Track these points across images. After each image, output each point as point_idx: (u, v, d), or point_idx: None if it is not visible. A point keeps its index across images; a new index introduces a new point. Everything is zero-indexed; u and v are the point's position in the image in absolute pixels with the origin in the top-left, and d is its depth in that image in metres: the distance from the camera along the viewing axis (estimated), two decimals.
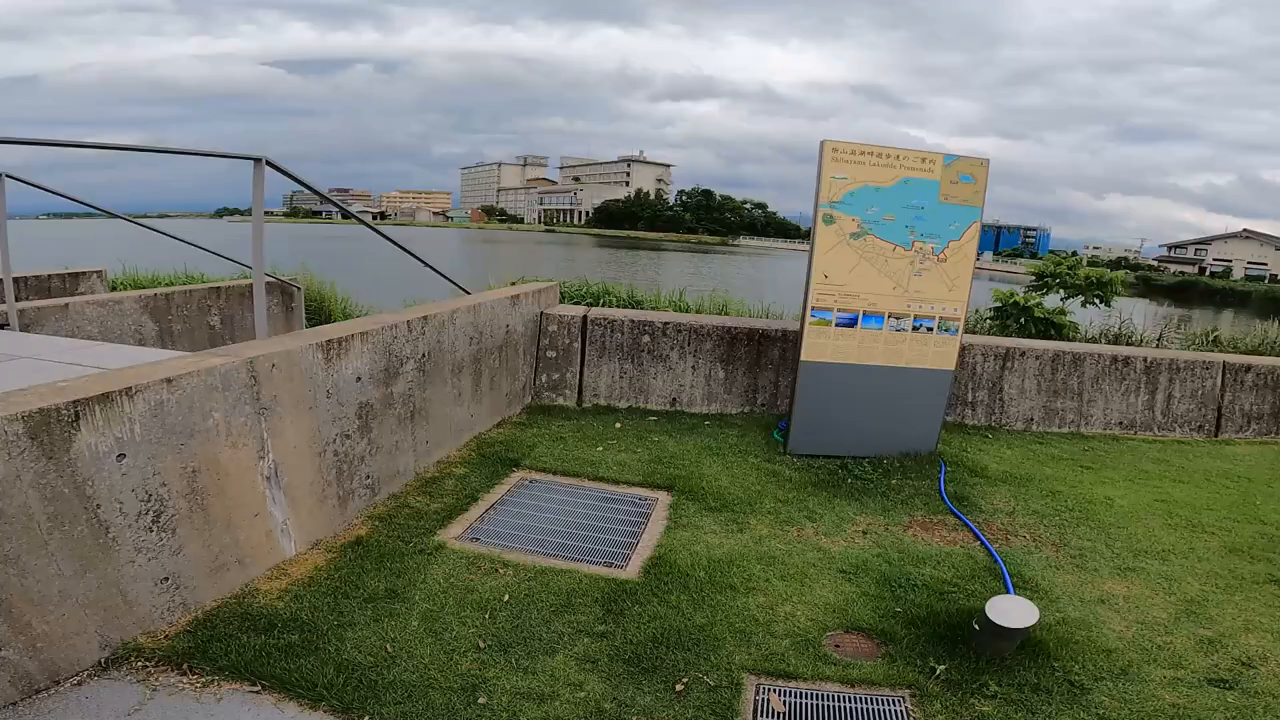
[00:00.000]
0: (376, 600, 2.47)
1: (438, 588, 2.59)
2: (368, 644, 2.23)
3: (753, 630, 2.48)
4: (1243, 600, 2.82)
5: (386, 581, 2.60)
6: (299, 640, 2.20)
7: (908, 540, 3.24)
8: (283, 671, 2.05)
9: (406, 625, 2.35)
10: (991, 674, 2.24)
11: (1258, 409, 5.54)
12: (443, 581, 2.63)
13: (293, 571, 2.59)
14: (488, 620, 2.42)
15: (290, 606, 2.37)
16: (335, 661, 2.12)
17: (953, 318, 4.17)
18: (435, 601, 2.50)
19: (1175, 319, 10.98)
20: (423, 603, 2.49)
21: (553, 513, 3.35)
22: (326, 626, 2.29)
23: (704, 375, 5.16)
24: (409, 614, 2.41)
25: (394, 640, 2.26)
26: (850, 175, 3.95)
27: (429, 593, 2.55)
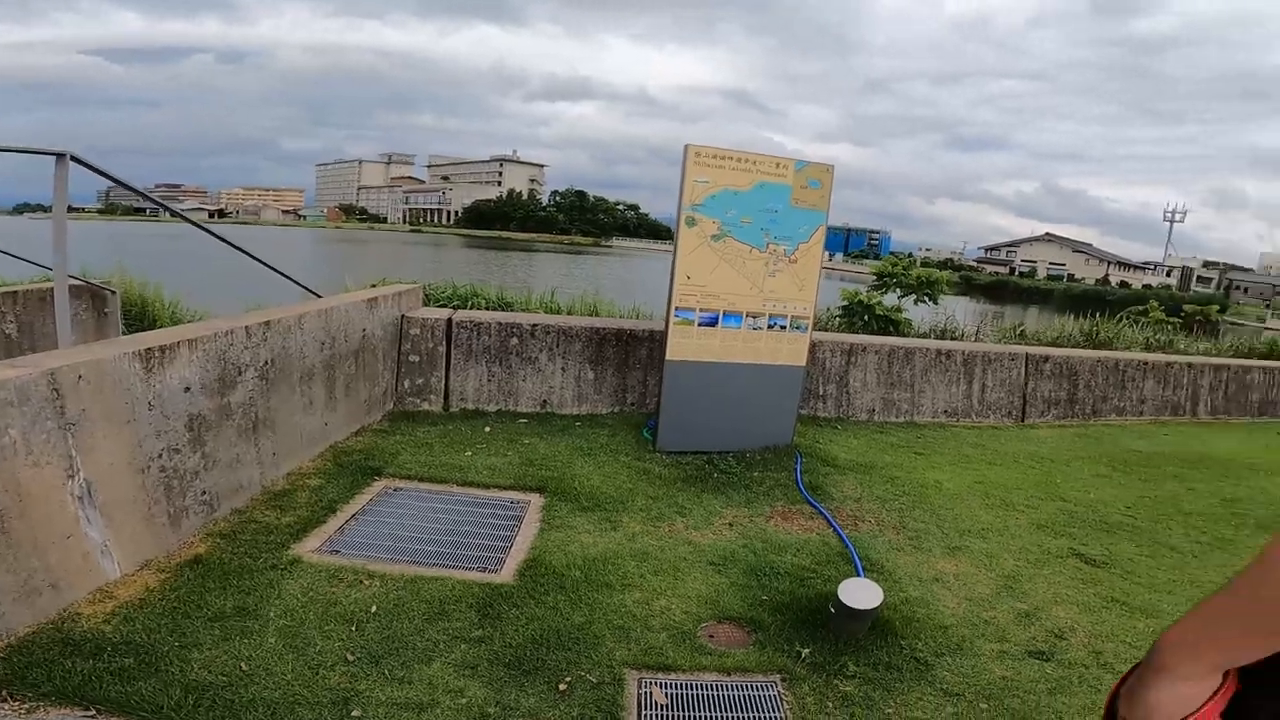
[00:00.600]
0: (224, 619, 2.30)
1: (295, 603, 2.44)
2: (219, 663, 2.09)
3: (631, 626, 2.52)
4: (1050, 574, 3.19)
5: (234, 599, 2.42)
6: (134, 663, 2.02)
7: (770, 530, 3.42)
8: (120, 695, 1.88)
9: (262, 642, 2.20)
10: (850, 655, 2.42)
11: (1055, 395, 6.38)
12: (300, 596, 2.49)
13: (120, 594, 2.35)
14: (355, 633, 2.31)
15: (120, 629, 2.17)
16: (182, 683, 1.97)
17: (803, 316, 4.46)
18: (294, 617, 2.36)
19: (990, 315, 12.37)
20: (279, 619, 2.34)
21: (420, 520, 3.23)
22: (166, 648, 2.11)
23: (574, 376, 5.16)
24: (264, 631, 2.26)
25: (249, 658, 2.12)
26: (711, 179, 4.11)
27: (286, 608, 2.40)
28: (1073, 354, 6.58)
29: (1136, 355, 7.14)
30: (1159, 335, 10.72)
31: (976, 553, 3.35)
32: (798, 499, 3.84)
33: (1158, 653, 0.73)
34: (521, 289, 7.70)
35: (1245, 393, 7.48)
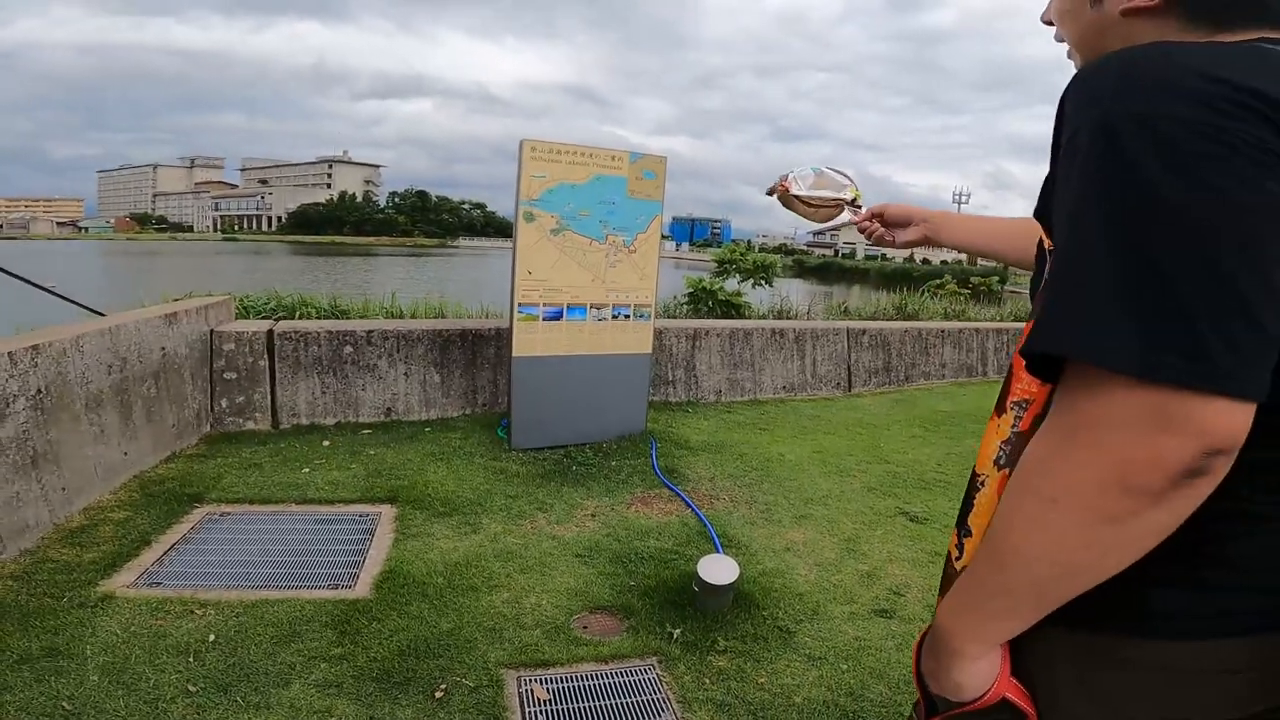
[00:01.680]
0: (33, 660, 2.09)
1: (115, 639, 2.24)
2: (36, 705, 1.90)
3: (503, 626, 2.48)
4: (883, 534, 3.48)
5: (41, 641, 2.19)
6: None
7: (631, 517, 3.48)
8: None
9: (84, 681, 2.02)
10: (719, 631, 2.52)
11: (874, 365, 7.05)
12: (120, 632, 2.28)
13: None
14: (194, 663, 2.15)
15: None
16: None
17: (645, 304, 4.56)
18: (116, 653, 2.16)
19: (820, 294, 13.41)
20: (99, 656, 2.14)
21: (255, 544, 3.00)
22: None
23: (419, 381, 4.93)
24: (83, 670, 2.07)
25: (72, 697, 1.95)
26: (548, 173, 4.08)
27: (105, 645, 2.20)
28: (886, 326, 7.29)
29: (936, 324, 8.06)
30: (954, 305, 12.17)
31: (820, 519, 3.59)
32: (656, 484, 3.93)
33: (944, 640, 0.74)
34: (358, 295, 7.19)
35: None
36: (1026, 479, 0.65)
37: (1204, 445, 0.54)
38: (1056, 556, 0.63)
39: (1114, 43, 0.74)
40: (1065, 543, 0.61)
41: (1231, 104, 0.56)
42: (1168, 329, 0.54)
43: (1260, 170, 0.54)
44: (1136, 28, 0.73)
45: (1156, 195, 0.55)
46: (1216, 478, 0.57)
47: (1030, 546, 0.64)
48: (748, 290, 10.31)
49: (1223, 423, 0.54)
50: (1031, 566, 0.64)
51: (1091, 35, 0.78)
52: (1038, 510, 0.62)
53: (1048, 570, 0.64)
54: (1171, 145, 0.56)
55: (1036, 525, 0.63)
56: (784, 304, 10.07)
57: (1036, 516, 0.63)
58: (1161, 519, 0.58)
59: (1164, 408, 0.54)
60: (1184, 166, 0.55)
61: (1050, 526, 0.61)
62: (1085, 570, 0.63)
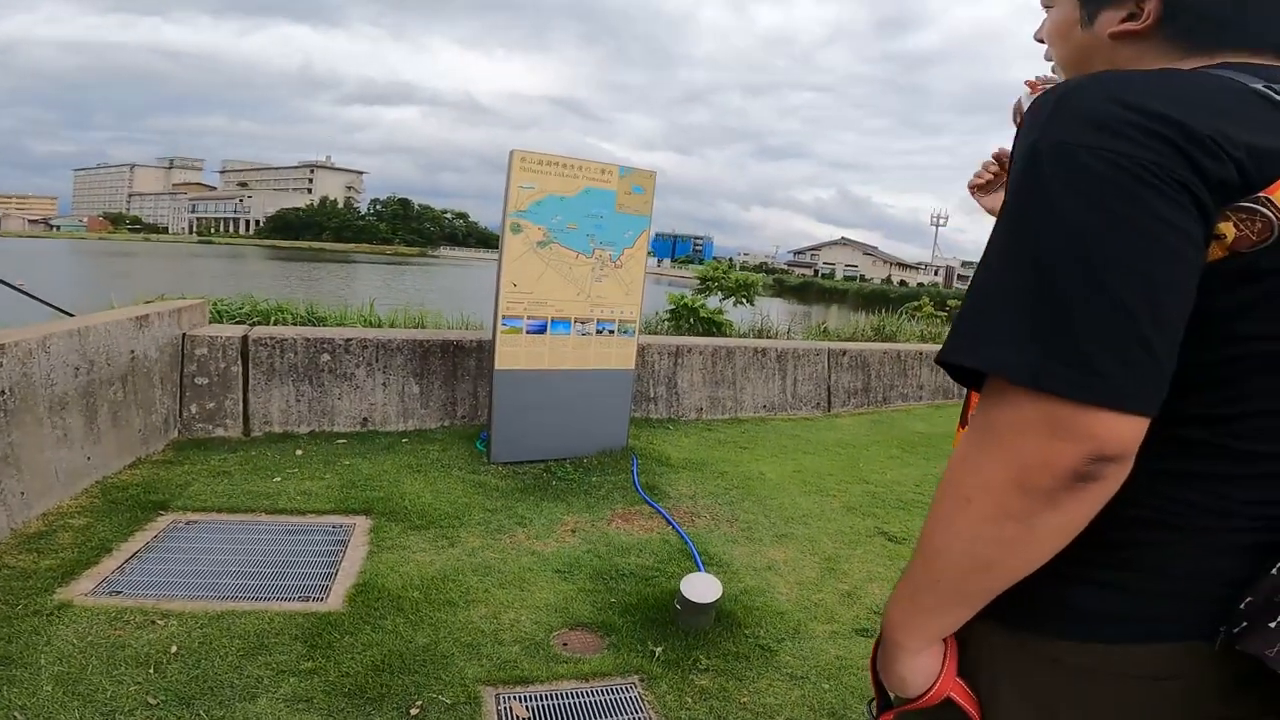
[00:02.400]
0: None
1: (71, 649, 2.16)
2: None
3: (481, 642, 2.43)
4: (863, 554, 3.48)
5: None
6: None
7: (612, 533, 3.44)
8: None
9: (37, 691, 1.96)
10: (700, 649, 2.49)
11: (853, 386, 7.10)
12: (77, 641, 2.20)
13: None
14: (155, 675, 2.08)
15: None
16: None
17: (630, 320, 4.55)
18: (72, 663, 2.09)
19: (799, 314, 13.52)
20: (54, 665, 2.07)
21: (223, 554, 2.92)
22: None
23: (397, 392, 4.86)
24: (37, 679, 2.00)
25: (25, 707, 1.89)
26: (537, 185, 4.06)
27: (60, 654, 2.13)
28: (865, 347, 7.36)
29: (914, 346, 8.15)
30: (931, 327, 12.33)
31: (801, 538, 3.59)
32: (637, 500, 3.89)
33: (888, 632, 0.77)
34: (337, 303, 7.10)
35: None
36: (948, 478, 0.68)
37: (1088, 451, 0.58)
38: (970, 551, 0.66)
39: (1098, 65, 0.77)
40: (978, 538, 0.64)
41: (1143, 132, 0.58)
42: (1059, 344, 0.58)
43: (1159, 199, 0.57)
44: (1121, 52, 0.75)
45: (1056, 217, 0.60)
46: (1110, 483, 0.60)
47: (949, 542, 0.67)
48: (729, 308, 10.37)
49: (1108, 432, 0.57)
50: (952, 561, 0.67)
51: (1078, 56, 0.80)
52: (954, 507, 0.66)
53: (966, 564, 0.67)
54: (1079, 171, 0.59)
55: (953, 521, 0.66)
56: (764, 323, 10.14)
57: (953, 513, 0.66)
58: (1058, 519, 0.61)
59: (1055, 416, 0.58)
60: (1085, 191, 0.59)
61: (964, 523, 0.65)
62: (996, 566, 0.65)
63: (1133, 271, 0.57)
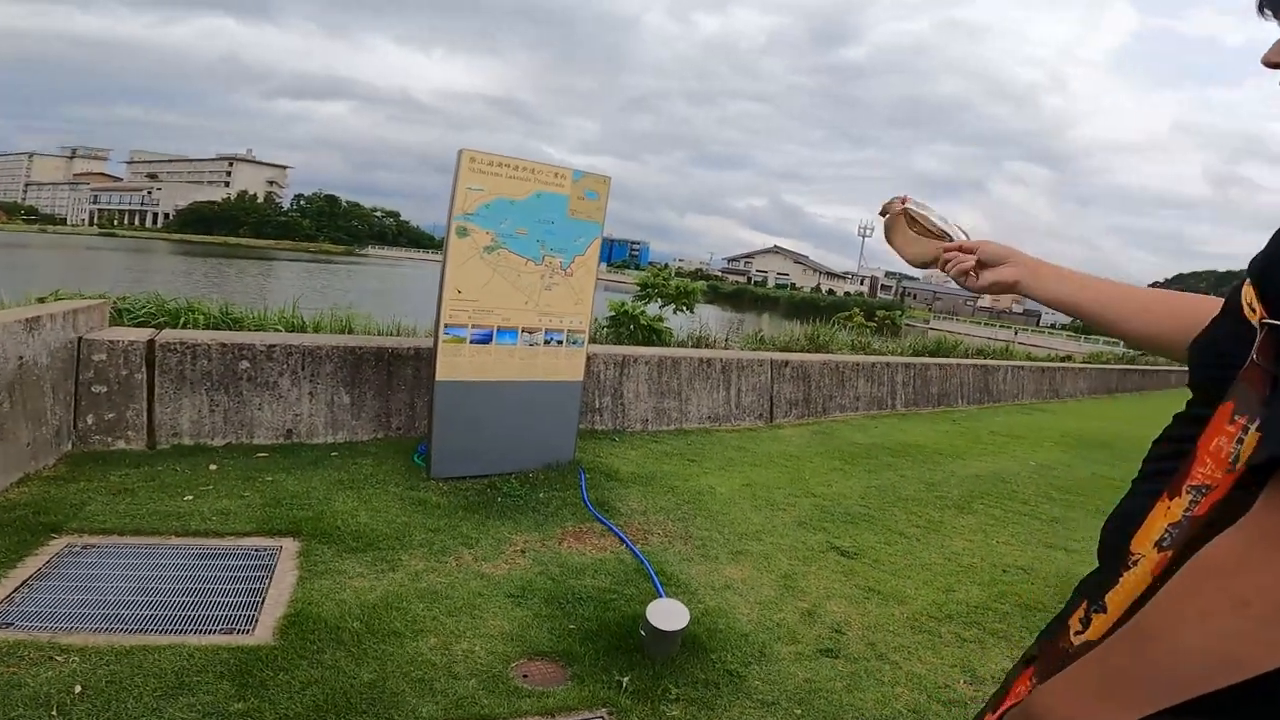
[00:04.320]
0: None
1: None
2: None
3: (433, 677, 2.25)
4: (818, 570, 3.45)
5: None
6: None
7: (564, 553, 3.29)
8: None
9: None
10: (669, 677, 2.37)
11: (794, 396, 7.17)
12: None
13: None
14: (57, 718, 1.86)
15: None
16: None
17: (579, 330, 4.41)
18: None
19: (734, 321, 13.65)
20: None
21: (128, 581, 2.64)
22: None
23: (326, 402, 4.55)
24: None
25: None
26: (487, 187, 3.86)
27: None
28: (806, 358, 7.46)
29: (852, 358, 8.33)
30: (860, 337, 12.68)
31: (755, 555, 3.53)
32: (587, 517, 3.75)
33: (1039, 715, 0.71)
34: (256, 303, 6.64)
35: (927, 386, 9.14)
36: (1212, 573, 0.61)
37: None
38: (1226, 651, 0.60)
39: None
40: (1243, 641, 0.59)
41: None
42: None
43: None
44: None
45: None
46: None
47: (1196, 639, 0.61)
48: (669, 315, 10.33)
49: None
50: (1188, 659, 0.62)
51: None
52: (1222, 606, 0.60)
53: (1204, 663, 0.61)
54: None
55: (1214, 620, 0.60)
56: (703, 331, 10.17)
57: (1217, 612, 0.60)
58: None
59: None
60: None
61: (1232, 624, 0.60)
62: (1246, 667, 0.60)
63: None
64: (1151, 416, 11.18)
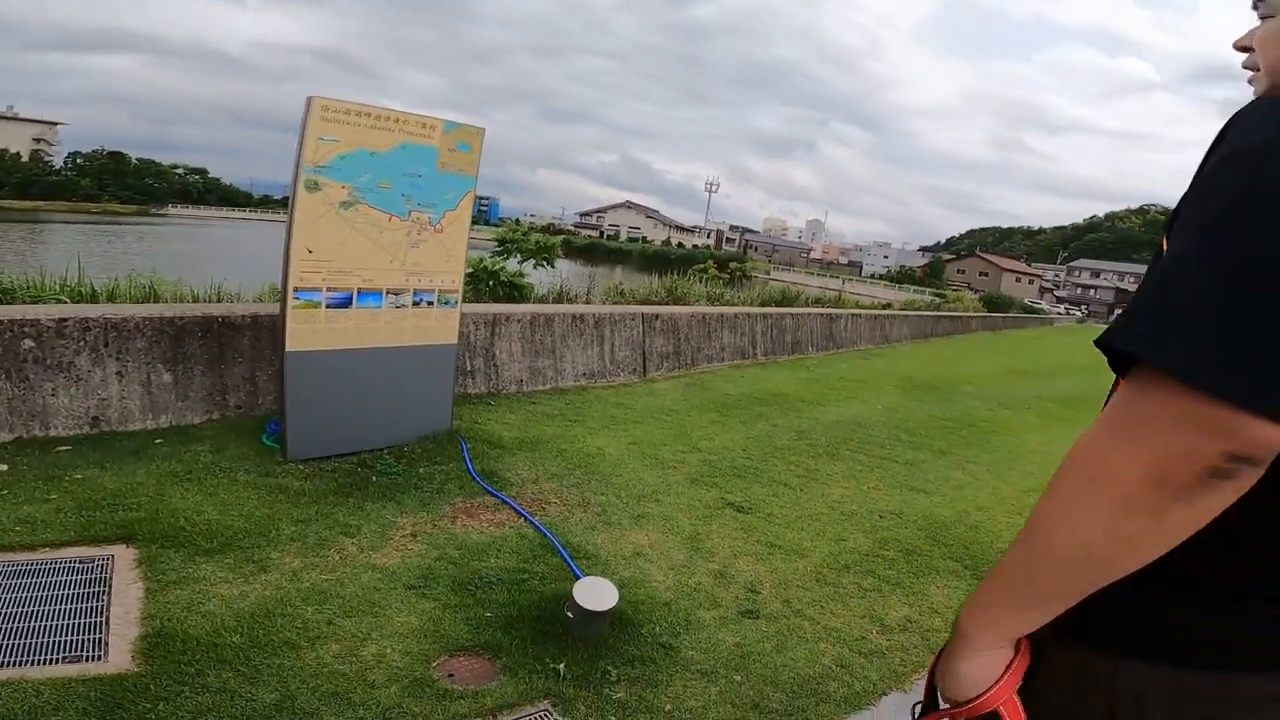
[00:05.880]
0: None
1: None
2: None
3: (347, 688, 1.99)
4: (720, 528, 3.45)
5: None
6: None
7: (459, 532, 3.04)
8: None
9: None
10: (605, 658, 2.26)
11: (665, 349, 7.23)
12: None
13: None
14: None
15: None
16: None
17: (451, 290, 4.07)
18: None
19: (589, 275, 13.51)
20: None
21: None
22: None
23: (140, 382, 3.86)
24: None
25: None
26: (342, 138, 3.40)
27: None
28: (675, 311, 7.53)
29: (716, 309, 8.55)
30: (714, 289, 13.08)
31: (657, 518, 3.48)
32: (476, 490, 3.51)
33: (959, 622, 0.76)
34: (28, 271, 5.51)
35: (783, 335, 9.63)
36: (1071, 464, 0.66)
37: (1230, 449, 0.58)
38: (1082, 541, 0.65)
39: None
40: (1094, 528, 0.64)
41: None
42: (1231, 350, 0.58)
43: None
44: None
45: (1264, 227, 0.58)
46: (1243, 484, 0.60)
47: (1061, 529, 0.66)
48: (529, 271, 10.00)
49: (1254, 434, 0.57)
50: (1058, 551, 0.67)
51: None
52: (1075, 492, 0.65)
53: (1071, 555, 0.66)
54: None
55: (1071, 508, 0.65)
56: (564, 285, 9.96)
57: (1073, 499, 0.65)
58: (1188, 514, 0.61)
59: (1206, 412, 0.58)
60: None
61: (1083, 510, 0.64)
62: (1105, 561, 0.65)
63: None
64: (963, 360, 12.68)
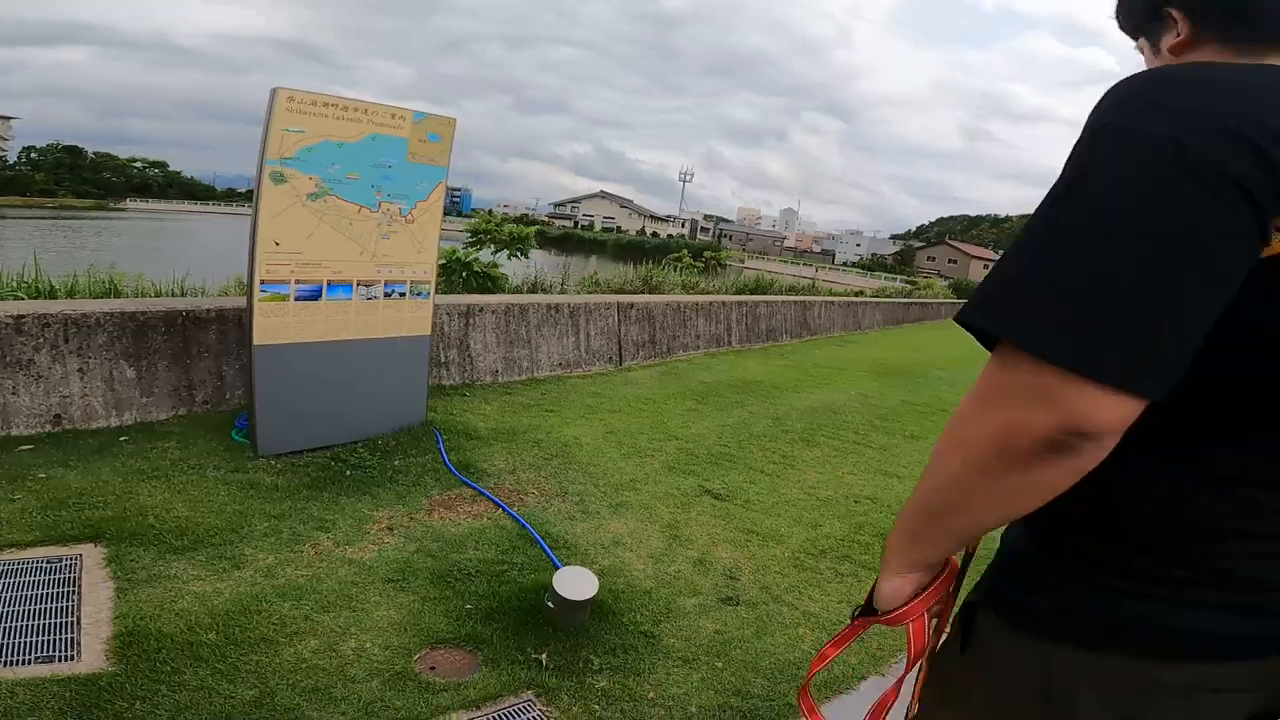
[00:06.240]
0: None
1: None
2: None
3: (328, 684, 1.98)
4: (698, 515, 3.47)
5: None
6: None
7: (437, 525, 3.03)
8: None
9: None
10: (587, 647, 2.27)
11: (641, 338, 7.24)
12: None
13: None
14: None
15: None
16: None
17: (424, 281, 4.03)
18: None
19: (565, 265, 13.47)
20: None
21: None
22: None
23: (102, 378, 3.78)
24: None
25: None
26: (309, 129, 3.34)
27: None
28: (650, 299, 7.53)
29: (691, 298, 8.57)
30: (689, 278, 13.11)
31: (636, 506, 3.49)
32: (453, 482, 3.49)
33: (885, 547, 0.85)
34: None
35: (758, 323, 9.69)
36: (951, 422, 0.72)
37: (1065, 422, 0.60)
38: (949, 492, 0.72)
39: None
40: (950, 481, 0.71)
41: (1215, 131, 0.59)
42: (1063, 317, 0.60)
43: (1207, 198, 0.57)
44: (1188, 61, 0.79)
45: (1103, 202, 0.61)
46: (1084, 460, 0.63)
47: (936, 480, 0.73)
48: (503, 262, 9.92)
49: (1088, 407, 0.59)
50: (927, 498, 0.75)
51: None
52: (944, 450, 0.72)
53: (943, 504, 0.74)
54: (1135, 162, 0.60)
55: (943, 461, 0.72)
56: (539, 276, 9.89)
57: (946, 454, 0.71)
58: (1025, 483, 0.65)
59: (1043, 384, 0.61)
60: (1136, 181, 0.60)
61: (951, 465, 0.70)
62: (963, 512, 0.72)
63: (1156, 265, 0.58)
64: (934, 345, 12.84)
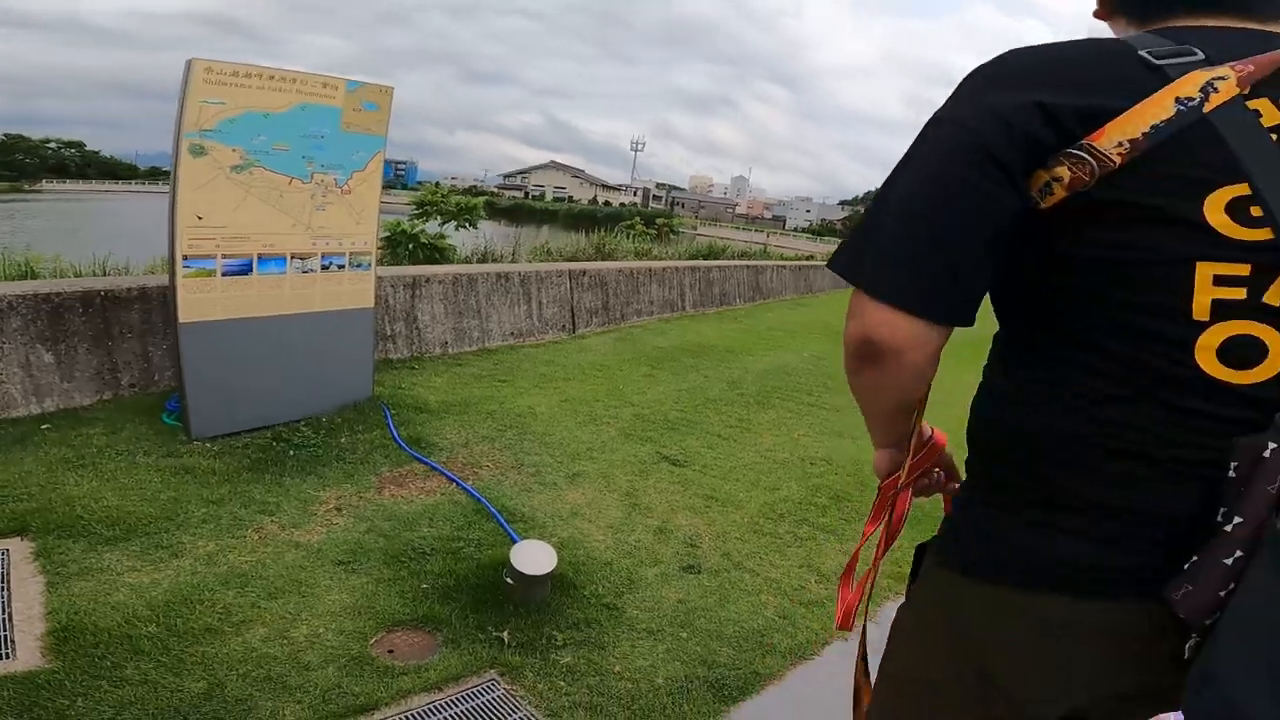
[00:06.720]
0: None
1: None
2: None
3: (282, 673, 1.91)
4: (656, 483, 3.43)
5: None
6: None
7: (388, 503, 2.93)
8: None
9: None
10: (549, 623, 2.23)
11: (594, 305, 7.15)
12: None
13: None
14: None
15: None
16: None
17: (364, 252, 3.86)
18: None
19: (516, 236, 13.23)
20: None
21: None
22: None
23: (18, 364, 3.52)
24: None
25: None
26: (230, 100, 3.14)
27: None
28: (602, 266, 7.42)
29: (644, 263, 8.49)
30: (642, 245, 13.02)
31: (593, 475, 3.44)
32: (404, 458, 3.39)
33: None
34: None
35: (710, 288, 9.67)
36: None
37: (864, 333, 0.77)
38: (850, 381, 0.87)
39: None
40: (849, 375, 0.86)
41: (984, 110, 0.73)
42: (879, 259, 0.76)
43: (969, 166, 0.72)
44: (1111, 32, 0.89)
45: (907, 171, 0.77)
46: (887, 369, 0.78)
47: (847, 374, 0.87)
48: (450, 233, 9.67)
49: (876, 320, 0.75)
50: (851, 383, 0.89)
51: None
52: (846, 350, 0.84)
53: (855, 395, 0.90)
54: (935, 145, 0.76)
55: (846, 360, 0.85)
56: (489, 246, 9.67)
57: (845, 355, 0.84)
58: (860, 384, 0.85)
59: (859, 305, 0.77)
60: (926, 154, 0.76)
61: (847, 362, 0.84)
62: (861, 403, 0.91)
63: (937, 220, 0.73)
64: None
